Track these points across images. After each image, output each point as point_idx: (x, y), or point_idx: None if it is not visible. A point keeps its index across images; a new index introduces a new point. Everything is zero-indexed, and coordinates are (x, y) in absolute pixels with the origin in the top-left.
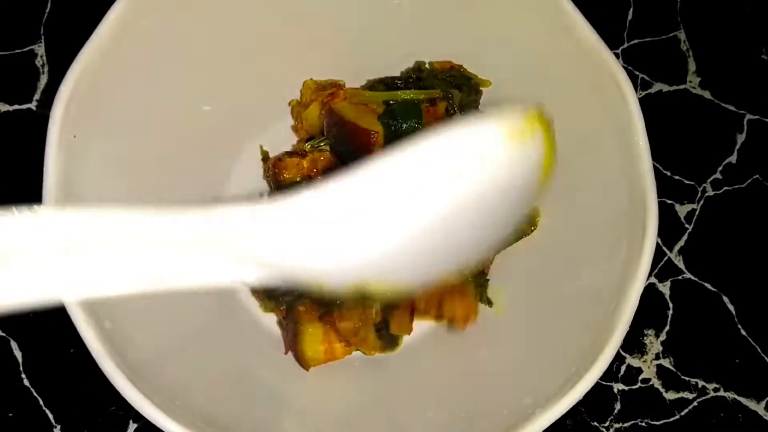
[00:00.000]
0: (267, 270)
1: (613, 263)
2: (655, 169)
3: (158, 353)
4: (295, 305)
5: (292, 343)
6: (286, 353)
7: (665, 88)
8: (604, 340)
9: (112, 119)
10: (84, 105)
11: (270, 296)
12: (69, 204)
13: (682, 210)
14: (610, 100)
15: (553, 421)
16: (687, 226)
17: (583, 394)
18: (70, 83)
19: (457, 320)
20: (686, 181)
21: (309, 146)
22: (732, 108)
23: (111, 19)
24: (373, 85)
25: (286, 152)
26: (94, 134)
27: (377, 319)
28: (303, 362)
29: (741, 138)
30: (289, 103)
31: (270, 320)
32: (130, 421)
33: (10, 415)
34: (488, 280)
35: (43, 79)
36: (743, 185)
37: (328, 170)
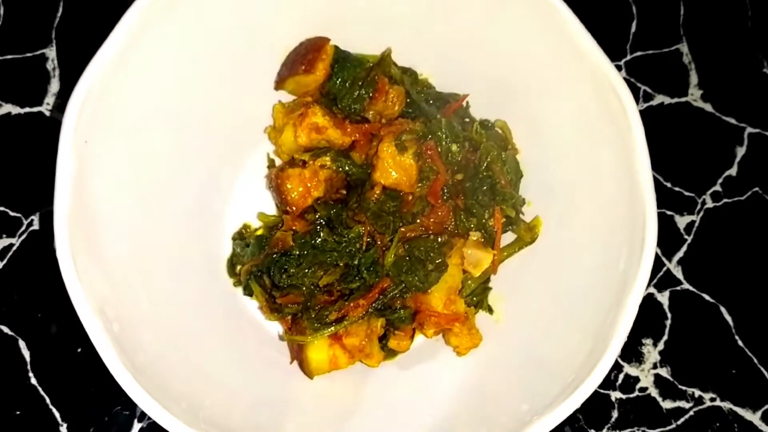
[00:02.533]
0: None
1: (612, 273)
2: (656, 180)
3: (164, 356)
4: (300, 317)
5: (297, 352)
6: (291, 363)
7: (667, 100)
8: (602, 348)
9: (121, 125)
10: (95, 111)
11: (274, 308)
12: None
13: (681, 221)
14: (611, 111)
15: (551, 428)
16: (686, 237)
17: (581, 402)
18: (82, 90)
19: (461, 349)
20: (686, 193)
21: (309, 156)
22: (733, 121)
23: (121, 29)
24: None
25: (287, 162)
26: (104, 139)
27: (380, 333)
28: (307, 372)
29: (741, 151)
30: (265, 131)
31: (274, 327)
32: (135, 420)
33: (17, 413)
34: (490, 288)
35: (54, 83)
36: (743, 198)
37: (329, 181)
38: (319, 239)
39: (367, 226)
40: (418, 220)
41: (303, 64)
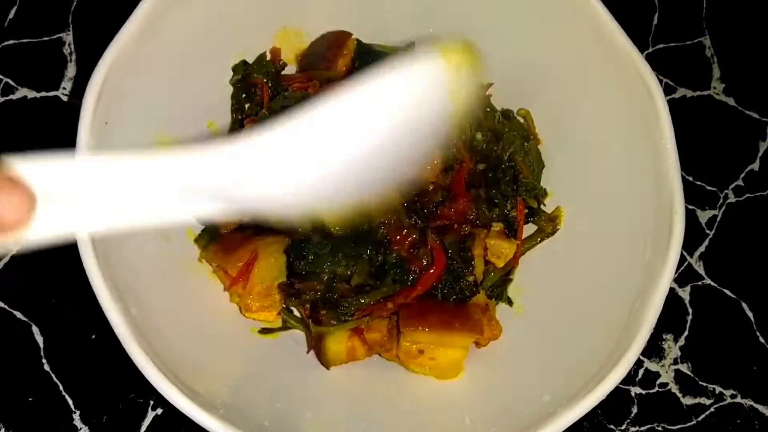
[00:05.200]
0: (232, 206)
1: (636, 265)
2: None
3: (182, 342)
4: (319, 305)
5: (316, 342)
6: (308, 352)
7: (689, 93)
8: (627, 342)
9: (141, 107)
10: (115, 93)
11: (292, 294)
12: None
13: (703, 216)
14: (638, 101)
15: (577, 419)
16: (708, 232)
17: (606, 394)
18: (102, 71)
19: (481, 341)
20: (708, 187)
21: None
22: (755, 115)
23: (141, 11)
24: None
25: None
26: (123, 121)
27: None
28: (325, 362)
29: (764, 145)
30: None
31: None
32: (149, 408)
33: (30, 399)
34: (511, 279)
35: (71, 67)
36: (765, 193)
37: None
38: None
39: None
40: (439, 211)
41: (324, 61)
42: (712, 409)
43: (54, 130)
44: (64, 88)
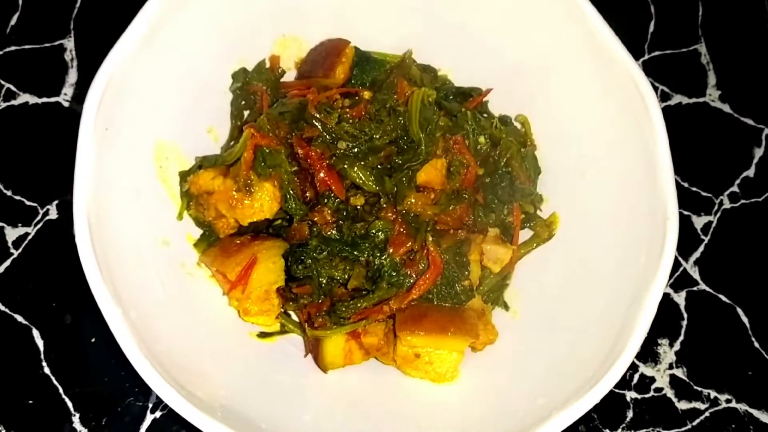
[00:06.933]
0: None
1: (630, 271)
2: None
3: (181, 345)
4: (316, 313)
5: (313, 346)
6: (306, 356)
7: (685, 100)
8: (621, 346)
9: (140, 113)
10: (115, 99)
11: (290, 298)
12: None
13: (698, 222)
14: (634, 109)
15: (571, 422)
16: (703, 237)
17: (600, 398)
18: (103, 77)
19: (477, 345)
20: (703, 193)
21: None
22: (751, 122)
23: (142, 18)
24: None
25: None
26: (123, 127)
27: None
28: (322, 365)
29: (759, 152)
30: None
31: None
32: (148, 411)
33: (30, 402)
34: (507, 284)
35: (72, 73)
36: (760, 199)
37: None
38: (335, 232)
39: (396, 223)
40: (437, 217)
41: (322, 69)
42: (707, 414)
43: (55, 136)
44: (66, 94)
